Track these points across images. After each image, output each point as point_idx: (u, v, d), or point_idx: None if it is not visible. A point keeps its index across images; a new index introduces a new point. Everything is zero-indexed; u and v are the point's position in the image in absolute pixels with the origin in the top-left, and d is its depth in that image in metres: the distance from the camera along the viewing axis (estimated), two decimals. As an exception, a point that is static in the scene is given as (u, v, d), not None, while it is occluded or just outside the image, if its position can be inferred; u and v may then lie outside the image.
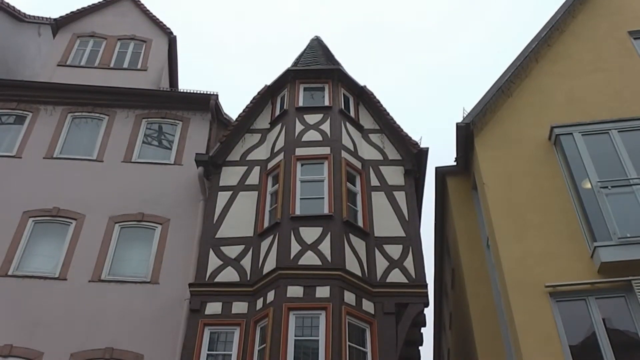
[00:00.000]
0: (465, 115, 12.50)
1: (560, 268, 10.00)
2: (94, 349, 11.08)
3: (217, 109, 15.01)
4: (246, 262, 11.49)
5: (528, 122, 12.27)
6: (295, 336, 10.01)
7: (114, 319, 11.47)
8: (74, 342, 11.14)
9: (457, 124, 12.37)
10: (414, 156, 13.03)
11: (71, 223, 12.95)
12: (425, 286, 11.14)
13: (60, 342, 11.11)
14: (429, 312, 19.93)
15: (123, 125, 14.84)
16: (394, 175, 12.89)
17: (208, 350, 10.47)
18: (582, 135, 11.50)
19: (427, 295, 11.04)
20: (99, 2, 18.25)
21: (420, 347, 11.97)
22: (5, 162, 14.01)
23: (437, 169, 13.75)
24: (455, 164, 13.39)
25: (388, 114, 13.93)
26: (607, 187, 10.57)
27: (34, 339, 11.17)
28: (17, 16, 18.57)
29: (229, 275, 11.35)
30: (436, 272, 17.37)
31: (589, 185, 10.73)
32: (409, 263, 11.44)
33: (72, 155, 14.27)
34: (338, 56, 18.78)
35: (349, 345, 10.02)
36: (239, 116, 14.05)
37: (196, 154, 13.35)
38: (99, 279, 12.06)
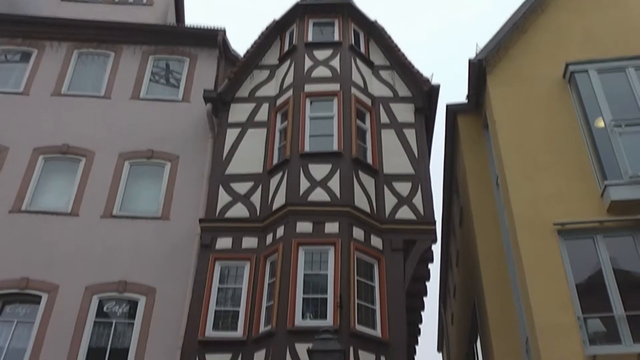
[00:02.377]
0: (478, 52, 12.24)
1: (570, 207, 10.00)
2: (108, 282, 11.36)
3: (225, 45, 14.77)
4: (256, 199, 11.57)
5: (542, 59, 12.00)
6: (305, 271, 10.18)
7: (126, 253, 11.68)
8: (88, 275, 11.40)
9: (469, 60, 12.13)
10: (424, 93, 12.85)
11: (81, 160, 13.02)
12: (434, 223, 11.22)
13: (75, 275, 11.37)
14: (437, 249, 20.15)
15: (130, 62, 14.66)
16: (404, 112, 12.76)
17: (219, 284, 10.70)
18: (598, 72, 11.26)
19: (435, 232, 11.14)
20: None
21: (427, 283, 12.18)
22: (12, 99, 13.97)
23: (448, 106, 13.59)
24: (466, 101, 13.23)
25: (399, 50, 13.66)
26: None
27: (49, 273, 11.43)
28: (18, -51, 18.08)
29: (239, 211, 11.46)
30: (444, 210, 17.46)
31: (602, 124, 10.60)
32: (417, 200, 11.49)
33: (80, 92, 14.19)
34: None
35: (358, 280, 10.21)
36: (247, 52, 13.83)
37: (204, 90, 13.23)
38: (110, 215, 12.21)
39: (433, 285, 37.85)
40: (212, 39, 14.67)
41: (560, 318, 8.99)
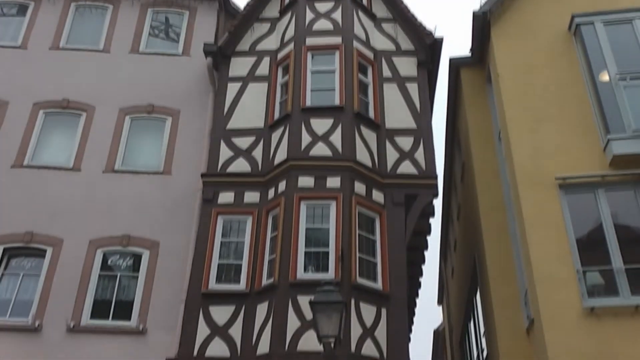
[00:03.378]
0: (482, 4, 11.99)
1: (572, 161, 9.98)
2: (111, 236, 11.47)
3: (225, -4, 14.52)
4: (257, 153, 11.57)
5: (547, 11, 11.77)
6: (306, 225, 10.25)
7: (129, 208, 11.76)
8: (92, 229, 11.51)
9: (473, 12, 11.92)
10: (427, 47, 12.67)
11: (82, 115, 12.97)
12: (435, 178, 11.24)
13: (79, 229, 11.48)
14: (438, 204, 20.28)
15: (128, 15, 14.42)
16: (407, 66, 12.61)
17: (222, 237, 10.80)
18: (604, 24, 11.04)
19: (436, 187, 11.17)
20: None
21: (427, 237, 12.29)
22: (10, 53, 13.81)
23: (451, 60, 13.42)
24: (470, 55, 13.05)
25: (402, 2, 13.39)
26: (625, 78, 10.31)
27: (53, 227, 11.54)
28: None
29: (241, 166, 11.47)
30: (446, 164, 17.46)
31: (607, 77, 10.47)
32: (419, 155, 11.47)
33: (78, 45, 14.01)
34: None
35: (359, 234, 10.30)
36: (247, 5, 13.56)
37: (204, 44, 13.05)
38: (112, 170, 12.24)
39: (434, 240, 38.36)
40: (212, -9, 14.42)
41: (559, 270, 9.09)
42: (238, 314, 9.97)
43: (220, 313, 10.00)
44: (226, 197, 11.16)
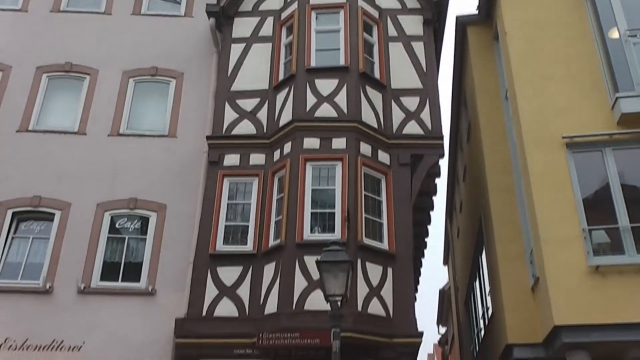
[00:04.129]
0: (490, -41, 11.74)
1: (579, 120, 9.90)
2: (118, 199, 11.53)
3: (226, -45, 14.18)
4: (262, 115, 11.51)
5: (557, -34, 11.49)
6: (312, 186, 10.27)
7: (135, 171, 11.79)
8: (99, 193, 11.57)
9: (481, -32, 11.67)
10: (433, 5, 12.44)
11: (85, 78, 12.89)
12: (441, 138, 11.18)
13: (86, 193, 11.55)
14: (444, 164, 20.26)
15: (129, -25, 14.17)
16: (413, 25, 12.40)
17: (228, 200, 10.84)
18: (615, -21, 10.79)
19: (442, 147, 11.12)
20: None
21: (433, 198, 12.30)
22: (11, 16, 13.66)
23: (457, 18, 13.20)
24: (477, 12, 12.82)
25: (407, -42, 13.09)
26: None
27: (61, 191, 11.60)
28: None
29: (246, 128, 11.43)
30: (452, 125, 17.36)
31: (616, 34, 10.29)
32: (425, 115, 11.40)
33: (79, 8, 13.84)
34: None
35: (365, 195, 10.32)
36: (249, -37, 13.29)
37: (207, 4, 12.84)
38: (117, 134, 12.23)
39: (440, 200, 38.46)
40: (213, -51, 14.10)
41: (564, 229, 9.11)
42: (246, 274, 10.09)
43: (228, 274, 10.12)
44: (232, 159, 11.16)
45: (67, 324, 10.36)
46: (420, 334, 9.62)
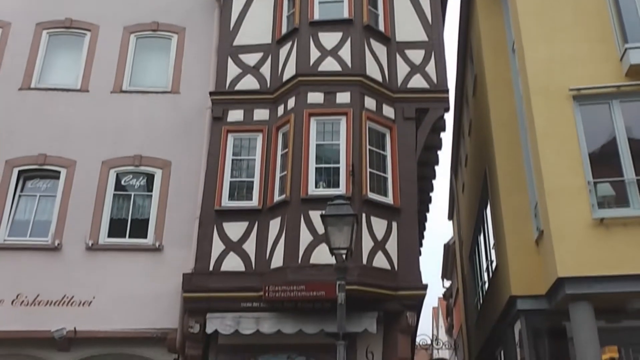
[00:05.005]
0: None
1: (587, 71, 9.75)
2: (123, 156, 11.55)
3: None
4: (265, 70, 11.38)
5: None
6: (317, 141, 10.23)
7: (139, 128, 11.77)
8: (103, 150, 11.58)
9: None
10: (439, -46, 12.11)
11: (86, 34, 12.73)
12: (447, 91, 11.07)
13: (90, 150, 11.55)
14: (449, 119, 20.15)
15: None
16: (418, -25, 12.10)
17: (232, 155, 10.82)
18: None
19: (448, 100, 11.02)
20: None
21: (438, 152, 12.25)
22: (8, -29, 13.40)
23: (464, -33, 12.89)
24: (483, -38, 12.50)
25: None
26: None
27: (66, 149, 11.62)
28: None
29: (249, 83, 11.32)
30: (458, 78, 17.18)
31: (627, -17, 10.03)
32: (430, 68, 11.25)
33: (77, -37, 13.55)
34: None
35: (369, 149, 10.28)
36: None
37: (207, -43, 12.57)
38: (120, 90, 12.15)
39: (445, 155, 38.42)
40: None
41: (570, 182, 9.09)
42: (251, 229, 10.16)
43: (234, 229, 10.19)
44: (235, 114, 11.10)
45: (77, 280, 10.53)
46: (425, 286, 9.73)
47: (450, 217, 27.58)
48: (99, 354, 10.34)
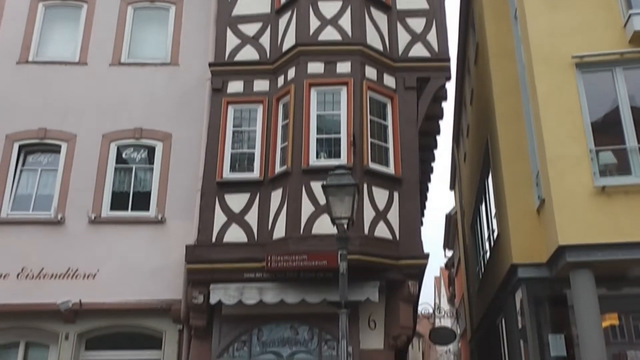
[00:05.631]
0: None
1: (590, 38, 9.66)
2: (124, 129, 11.51)
3: None
4: (265, 40, 11.24)
5: None
6: (317, 111, 10.18)
7: (139, 101, 11.71)
8: (104, 123, 11.54)
9: None
10: None
11: (83, 6, 12.58)
12: (448, 60, 10.96)
13: (90, 124, 11.52)
14: (450, 88, 20.04)
15: None
16: (419, -59, 11.87)
17: (233, 127, 10.77)
18: None
19: (449, 69, 10.92)
20: None
21: (440, 122, 12.20)
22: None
23: None
24: None
25: None
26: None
27: (66, 123, 11.58)
28: None
29: (249, 53, 11.20)
30: (460, 47, 17.01)
31: (633, -55, 9.83)
32: (432, 37, 11.12)
33: None
34: None
35: (370, 119, 10.23)
36: None
37: None
38: (119, 63, 12.05)
39: (447, 125, 38.25)
40: None
41: (571, 150, 9.08)
42: (253, 201, 10.17)
43: (236, 201, 10.20)
44: (235, 86, 11.01)
45: (81, 253, 10.60)
46: (427, 256, 9.78)
47: (452, 187, 27.61)
48: (104, 325, 10.48)
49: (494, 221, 12.76)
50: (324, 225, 9.02)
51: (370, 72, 10.52)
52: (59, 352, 10.27)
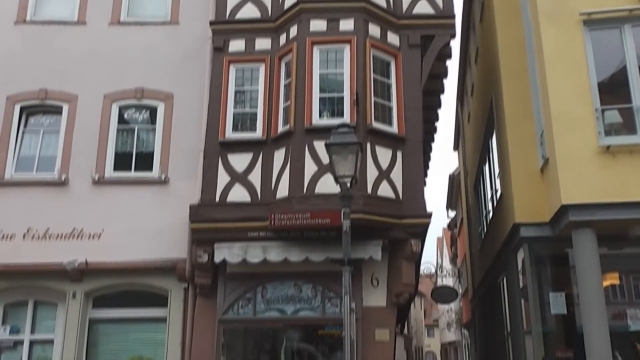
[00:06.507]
0: None
1: (598, -6, 9.46)
2: (125, 90, 11.42)
3: None
4: (266, -3, 11.07)
5: None
6: (320, 70, 10.06)
7: (139, 60, 11.57)
8: (105, 84, 11.43)
9: None
10: None
11: (80, -37, 12.33)
12: (453, 17, 10.77)
13: (91, 84, 11.41)
14: (455, 46, 19.75)
15: None
16: None
17: (235, 86, 10.67)
18: None
19: (454, 26, 10.74)
20: None
21: (444, 81, 12.07)
22: None
23: None
24: None
25: None
26: None
27: (66, 83, 11.48)
28: None
29: (250, 11, 11.00)
30: (465, 4, 16.74)
31: None
32: (436, -7, 10.91)
33: None
34: None
35: (374, 78, 10.11)
36: None
37: None
38: (118, 22, 11.87)
39: (451, 84, 37.96)
40: None
41: (577, 109, 9.01)
42: (256, 161, 10.15)
43: (239, 161, 10.19)
44: (237, 45, 10.86)
45: (85, 213, 10.65)
46: (429, 214, 9.81)
47: (456, 147, 27.53)
48: (111, 284, 10.62)
49: (498, 181, 12.76)
50: (327, 185, 9.02)
51: (374, 30, 10.35)
52: (67, 310, 10.44)
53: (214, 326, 9.92)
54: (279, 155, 9.96)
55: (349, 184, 7.48)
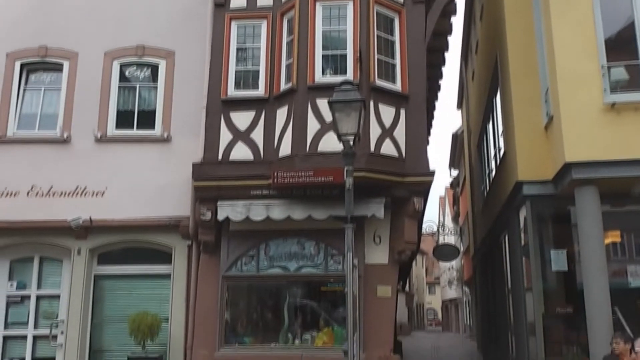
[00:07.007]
0: None
1: (607, -53, 9.21)
2: (126, 47, 11.30)
3: None
4: (268, -49, 10.80)
5: None
6: (323, 27, 9.91)
7: (140, 17, 11.45)
8: (105, 41, 11.33)
9: None
10: None
11: None
12: (458, -29, 10.55)
13: (92, 41, 11.31)
14: (460, 2, 19.37)
15: None
16: None
17: (237, 44, 10.54)
18: None
19: (459, -19, 10.53)
20: None
21: (448, 38, 11.90)
22: None
23: None
24: None
25: None
26: None
27: (66, 40, 11.38)
28: None
29: (251, -35, 10.80)
30: (471, -41, 16.31)
31: None
32: (442, -54, 10.66)
33: None
34: None
35: (377, 35, 9.97)
36: None
37: None
38: (117, -23, 11.68)
39: (455, 42, 37.33)
40: None
41: (583, 66, 8.88)
42: (259, 119, 10.11)
43: (241, 118, 10.14)
44: (238, 1, 10.66)
45: (88, 171, 10.71)
46: (432, 173, 9.81)
47: (460, 106, 27.33)
48: (115, 241, 10.74)
49: (501, 139, 12.69)
50: (330, 143, 9.00)
51: (378, -15, 10.15)
52: (72, 267, 10.59)
53: (217, 282, 10.07)
54: (282, 113, 9.91)
55: (351, 142, 7.44)
